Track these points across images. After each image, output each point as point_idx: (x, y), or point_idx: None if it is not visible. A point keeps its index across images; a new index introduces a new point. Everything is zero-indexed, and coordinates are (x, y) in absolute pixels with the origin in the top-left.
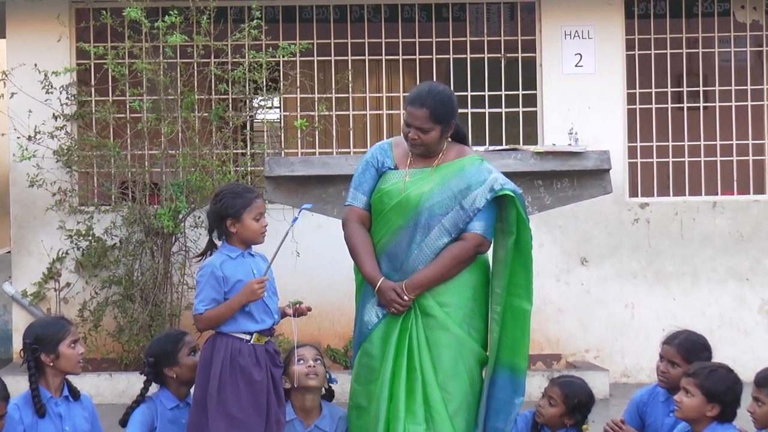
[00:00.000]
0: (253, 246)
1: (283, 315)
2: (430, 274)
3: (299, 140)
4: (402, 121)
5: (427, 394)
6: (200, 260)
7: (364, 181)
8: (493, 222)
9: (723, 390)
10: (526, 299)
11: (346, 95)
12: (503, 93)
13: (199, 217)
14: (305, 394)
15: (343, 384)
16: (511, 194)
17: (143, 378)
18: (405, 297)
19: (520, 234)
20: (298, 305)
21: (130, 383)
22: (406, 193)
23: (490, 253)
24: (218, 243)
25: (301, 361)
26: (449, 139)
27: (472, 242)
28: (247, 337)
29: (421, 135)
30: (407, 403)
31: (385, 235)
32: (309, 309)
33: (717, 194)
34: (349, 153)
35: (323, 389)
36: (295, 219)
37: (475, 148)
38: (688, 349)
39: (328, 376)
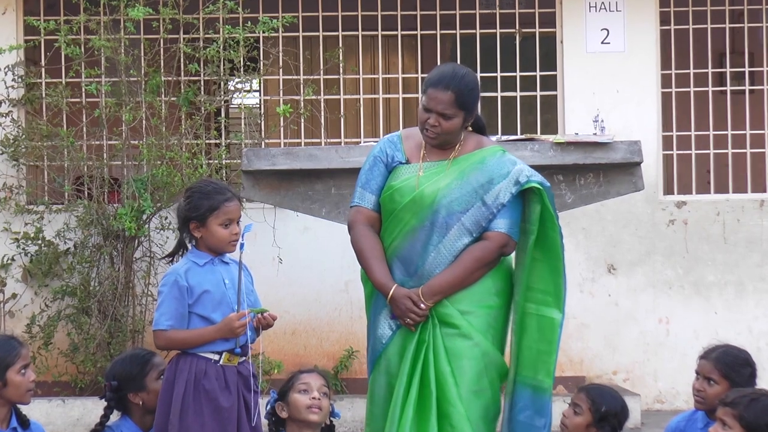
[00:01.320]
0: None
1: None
2: (450, 278)
3: (282, 129)
4: (419, 106)
5: (447, 411)
6: (169, 262)
7: (372, 179)
8: (518, 219)
9: (767, 423)
10: (555, 307)
11: (336, 76)
12: (518, 74)
13: (166, 218)
14: (303, 429)
15: (341, 412)
16: (539, 187)
17: (103, 404)
18: (422, 305)
19: (547, 232)
20: (260, 314)
21: (86, 410)
22: (420, 189)
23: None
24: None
25: (305, 391)
26: (468, 129)
27: (496, 242)
28: (215, 357)
29: (442, 122)
30: (419, 424)
31: (398, 237)
32: (274, 318)
33: (765, 191)
34: (340, 143)
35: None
36: (242, 246)
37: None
38: (727, 364)
39: (331, 410)
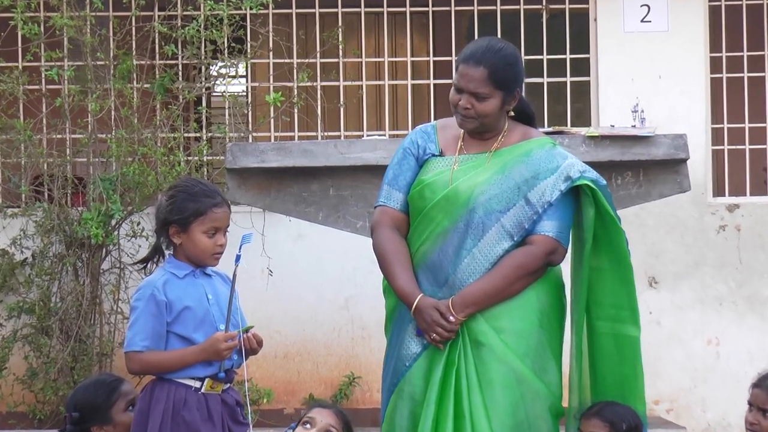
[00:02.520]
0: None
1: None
2: (486, 288)
3: (272, 120)
4: (452, 89)
5: None
6: (141, 269)
7: (401, 174)
8: (569, 223)
9: None
10: (632, 323)
11: (335, 60)
12: (545, 57)
13: (138, 224)
14: None
15: None
16: (592, 185)
17: None
18: (451, 318)
19: (611, 237)
20: (247, 333)
21: None
22: (454, 184)
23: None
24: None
25: (308, 425)
26: (511, 115)
27: (542, 248)
28: (196, 384)
29: (476, 103)
30: None
31: (427, 240)
32: (259, 343)
33: None
34: (339, 137)
35: None
36: (238, 258)
37: None
38: None
39: None
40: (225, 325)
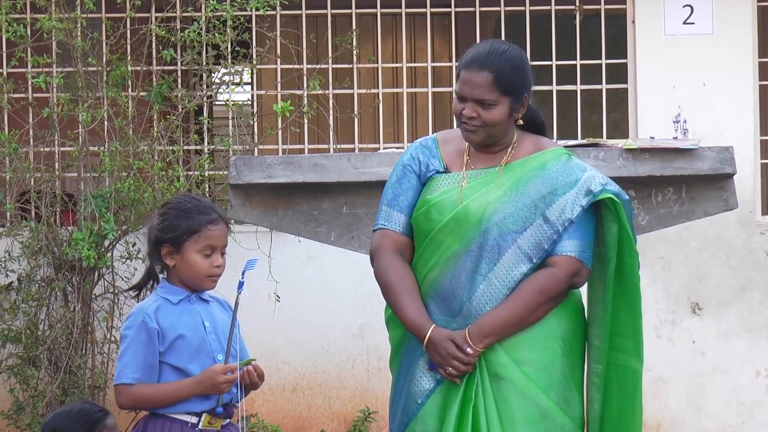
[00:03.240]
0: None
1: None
2: (505, 316)
3: (280, 132)
4: (453, 97)
5: None
6: (135, 296)
7: (401, 194)
8: (592, 241)
9: None
10: (635, 355)
11: (349, 66)
12: (578, 63)
13: (134, 245)
14: None
15: None
16: (615, 199)
17: None
18: (468, 350)
19: (624, 259)
20: (247, 366)
21: None
22: (464, 204)
23: (584, 290)
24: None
25: None
26: (520, 124)
27: (565, 270)
28: (193, 420)
29: (481, 111)
30: None
31: (436, 266)
32: (260, 376)
33: None
34: (353, 150)
35: None
36: (241, 285)
37: None
38: None
39: None
40: (224, 356)
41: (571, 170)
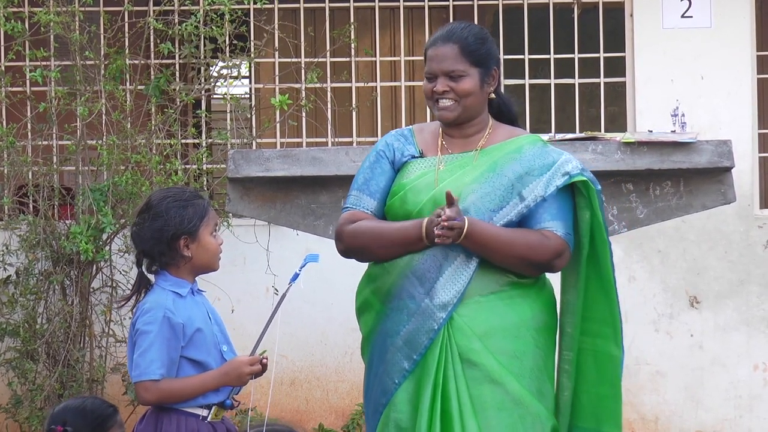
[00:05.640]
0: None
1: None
2: (497, 232)
3: (278, 125)
4: (424, 82)
5: None
6: (131, 307)
7: (372, 179)
8: (572, 227)
9: None
10: (614, 341)
11: (347, 59)
12: (576, 56)
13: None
14: None
15: None
16: (590, 184)
17: None
18: (448, 212)
19: (596, 246)
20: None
21: None
22: (441, 185)
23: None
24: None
25: None
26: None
27: (554, 243)
28: (204, 413)
29: (452, 84)
30: None
31: None
32: (264, 367)
33: None
34: (351, 144)
35: None
36: (296, 276)
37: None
38: None
39: None
40: (228, 347)
41: (548, 154)
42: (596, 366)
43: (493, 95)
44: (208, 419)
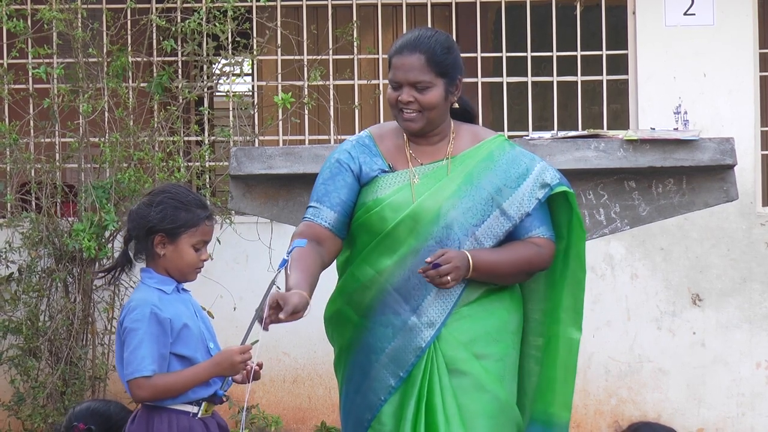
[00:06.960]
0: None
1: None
2: (498, 259)
3: (280, 123)
4: (388, 89)
5: None
6: (111, 279)
7: (334, 191)
8: (551, 221)
9: None
10: (575, 325)
11: (350, 57)
12: (579, 54)
13: None
14: None
15: None
16: (570, 192)
17: None
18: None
19: (573, 242)
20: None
21: None
22: (419, 201)
23: None
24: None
25: None
26: (455, 107)
27: (548, 251)
28: (194, 410)
29: (418, 95)
30: None
31: (392, 260)
32: (260, 366)
33: None
34: None
35: None
36: (285, 262)
37: (538, 134)
38: None
39: None
40: (215, 345)
41: (519, 160)
42: (557, 350)
43: (456, 105)
44: (199, 415)
